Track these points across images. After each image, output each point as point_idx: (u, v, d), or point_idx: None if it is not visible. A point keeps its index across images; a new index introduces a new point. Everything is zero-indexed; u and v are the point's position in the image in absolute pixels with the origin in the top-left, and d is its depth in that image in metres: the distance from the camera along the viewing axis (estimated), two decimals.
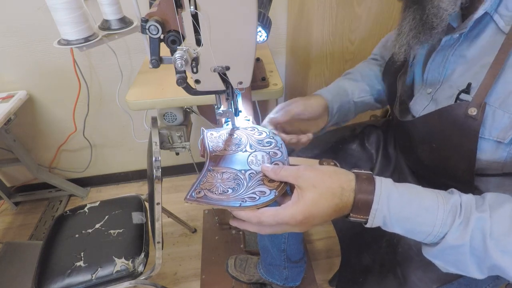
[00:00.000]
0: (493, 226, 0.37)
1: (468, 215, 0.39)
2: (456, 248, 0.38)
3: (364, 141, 0.80)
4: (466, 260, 0.39)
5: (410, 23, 0.49)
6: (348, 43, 1.10)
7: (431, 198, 0.40)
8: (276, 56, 1.37)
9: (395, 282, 0.59)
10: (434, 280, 0.56)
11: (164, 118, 0.96)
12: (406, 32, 0.50)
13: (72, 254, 0.89)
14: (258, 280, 1.14)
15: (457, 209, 0.39)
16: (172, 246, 1.40)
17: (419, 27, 0.48)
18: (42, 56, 1.24)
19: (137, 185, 1.77)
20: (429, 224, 0.39)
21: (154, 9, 0.45)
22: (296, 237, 0.97)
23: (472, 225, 0.38)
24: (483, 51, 0.45)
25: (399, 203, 0.40)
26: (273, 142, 0.59)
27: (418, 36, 0.49)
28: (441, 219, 0.39)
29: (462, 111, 0.46)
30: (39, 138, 1.51)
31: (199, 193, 0.47)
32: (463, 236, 0.38)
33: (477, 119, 0.44)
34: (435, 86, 0.54)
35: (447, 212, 0.39)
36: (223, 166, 0.53)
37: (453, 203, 0.40)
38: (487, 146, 0.47)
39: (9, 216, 1.61)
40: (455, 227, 0.38)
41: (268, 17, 0.73)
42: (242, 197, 0.46)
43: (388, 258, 0.62)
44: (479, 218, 0.38)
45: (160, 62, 0.48)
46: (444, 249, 0.39)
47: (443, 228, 0.39)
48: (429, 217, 0.39)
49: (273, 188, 0.47)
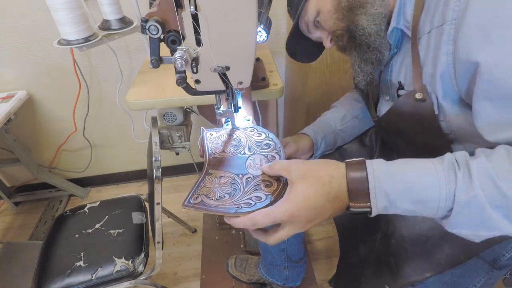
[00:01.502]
0: (496, 168, 0.36)
1: (466, 165, 0.38)
2: (471, 203, 0.36)
3: (363, 139, 0.81)
4: (489, 214, 0.36)
5: (356, 54, 0.58)
6: None
7: (425, 162, 0.40)
8: (276, 56, 1.37)
9: (389, 273, 0.60)
10: (426, 269, 0.57)
11: (164, 118, 0.96)
12: (357, 62, 0.59)
13: (72, 254, 0.89)
14: (258, 280, 1.14)
15: (454, 164, 0.39)
16: (172, 246, 1.40)
17: (364, 54, 0.57)
18: (42, 56, 1.24)
19: (137, 185, 1.77)
20: (433, 187, 0.38)
21: (154, 9, 0.45)
22: (296, 237, 0.98)
23: (475, 173, 0.37)
24: (404, 55, 0.56)
25: (396, 176, 0.39)
26: (272, 144, 0.59)
27: (368, 61, 0.58)
28: (443, 177, 0.38)
29: (411, 99, 0.53)
30: (39, 138, 1.51)
31: (196, 199, 0.47)
32: (472, 186, 0.36)
33: (426, 99, 0.51)
34: (388, 92, 0.63)
35: (446, 169, 0.38)
36: (221, 170, 0.53)
37: (448, 160, 0.39)
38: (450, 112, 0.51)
39: (9, 216, 1.61)
40: (459, 180, 0.37)
41: (268, 17, 0.73)
42: (238, 203, 0.46)
43: (383, 249, 0.63)
44: (479, 163, 0.37)
45: (160, 62, 0.48)
46: (461, 210, 0.37)
47: (449, 186, 0.37)
48: (431, 179, 0.38)
49: (269, 193, 0.47)
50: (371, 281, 0.62)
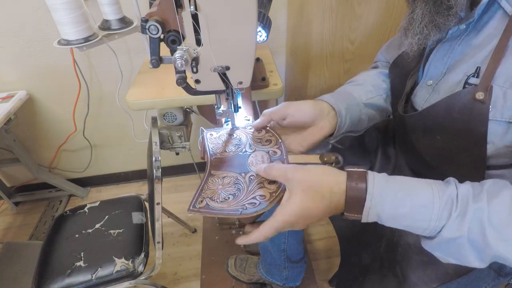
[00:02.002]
0: (491, 216, 0.36)
1: (465, 207, 0.38)
2: (454, 240, 0.38)
3: (364, 141, 0.80)
4: (465, 251, 0.38)
5: (423, 9, 0.47)
6: (348, 43, 1.10)
7: (426, 192, 0.40)
8: (276, 56, 1.37)
9: (394, 281, 0.59)
10: (433, 279, 0.56)
11: (164, 118, 0.96)
12: (419, 19, 0.48)
13: (72, 254, 0.89)
14: (258, 280, 1.14)
15: (453, 202, 0.38)
16: (172, 246, 1.40)
17: (434, 9, 0.46)
18: (42, 56, 1.24)
19: (137, 185, 1.77)
20: (425, 219, 0.39)
21: (154, 9, 0.45)
22: (296, 237, 0.97)
23: (470, 217, 0.37)
24: (490, 37, 0.45)
25: (393, 201, 0.40)
26: (272, 140, 0.58)
27: (434, 20, 0.46)
28: (436, 213, 0.38)
29: (470, 96, 0.45)
30: (39, 138, 1.51)
31: (201, 203, 0.47)
32: (460, 228, 0.37)
33: (485, 102, 0.43)
34: (437, 78, 0.53)
35: (442, 205, 0.38)
36: (224, 170, 0.53)
37: (449, 195, 0.39)
38: (498, 128, 0.45)
39: (9, 216, 1.61)
40: (451, 221, 0.38)
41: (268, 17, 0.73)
42: (243, 203, 0.46)
43: (388, 257, 0.62)
44: (477, 209, 0.37)
45: (160, 62, 0.48)
46: (442, 241, 0.39)
47: (440, 222, 0.38)
48: (425, 213, 0.39)
49: (273, 191, 0.47)
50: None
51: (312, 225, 1.45)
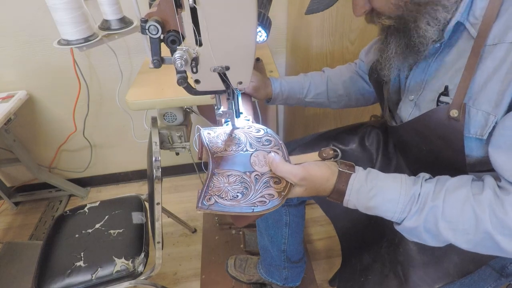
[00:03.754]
0: (445, 210, 0.44)
1: (423, 204, 0.46)
2: (414, 228, 0.47)
3: (364, 141, 0.80)
4: (423, 236, 0.47)
5: (395, 48, 0.52)
6: (348, 43, 1.10)
7: (395, 191, 0.48)
8: (276, 56, 1.37)
9: (396, 282, 0.59)
10: (435, 279, 0.56)
11: (164, 118, 0.96)
12: (392, 55, 0.54)
13: (72, 254, 0.89)
14: (258, 280, 1.14)
15: (414, 200, 0.47)
16: (172, 246, 1.40)
17: (406, 51, 0.51)
18: (42, 56, 1.24)
19: (137, 185, 1.77)
20: (391, 211, 0.48)
21: (154, 9, 0.45)
22: (296, 237, 0.98)
23: (426, 212, 0.46)
24: (458, 56, 0.49)
25: (367, 197, 0.49)
26: (272, 140, 0.59)
27: (407, 59, 0.53)
28: (400, 208, 0.47)
29: (444, 113, 0.48)
30: (39, 138, 1.51)
31: (210, 200, 0.47)
32: (417, 220, 0.46)
33: (459, 120, 0.47)
34: (417, 92, 0.57)
35: (406, 202, 0.47)
36: (227, 168, 0.53)
37: (413, 194, 0.47)
38: (471, 143, 0.49)
39: (9, 216, 1.61)
40: (411, 214, 0.47)
41: (268, 17, 0.73)
42: (253, 201, 0.47)
43: (389, 257, 0.62)
44: (433, 206, 0.45)
45: (162, 63, 0.48)
46: (405, 228, 0.48)
47: (402, 215, 0.48)
48: (391, 207, 0.48)
49: (280, 191, 0.48)
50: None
51: (312, 225, 1.45)
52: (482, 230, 0.42)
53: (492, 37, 0.44)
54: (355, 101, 0.85)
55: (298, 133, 1.47)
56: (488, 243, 0.42)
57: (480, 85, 0.45)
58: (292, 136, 1.51)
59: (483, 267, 0.56)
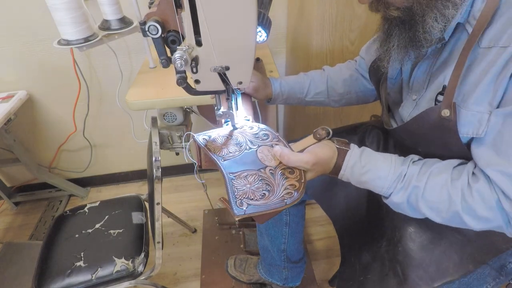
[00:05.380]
0: (425, 192, 0.50)
1: (408, 183, 0.51)
2: (399, 203, 0.53)
3: (365, 141, 0.80)
4: (406, 209, 0.53)
5: (397, 41, 0.52)
6: (348, 43, 1.10)
7: (385, 168, 0.53)
8: (276, 56, 1.37)
9: (395, 281, 0.59)
10: (434, 278, 0.56)
11: (164, 118, 0.96)
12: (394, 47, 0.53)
13: (72, 254, 0.89)
14: (258, 280, 1.14)
15: (401, 177, 0.52)
16: (172, 246, 1.40)
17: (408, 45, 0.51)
18: (42, 56, 1.24)
19: (137, 185, 1.77)
20: (380, 187, 0.53)
21: (153, 9, 0.45)
22: (296, 237, 0.97)
23: (409, 191, 0.51)
24: (454, 56, 0.50)
25: (360, 172, 0.54)
26: (269, 134, 0.59)
27: (408, 53, 0.53)
28: (388, 184, 0.53)
29: (437, 113, 0.49)
30: (39, 138, 1.51)
31: (242, 205, 0.47)
32: (402, 197, 0.52)
33: (451, 119, 0.48)
34: (420, 93, 0.57)
35: (393, 179, 0.52)
36: (241, 170, 0.53)
37: (400, 173, 0.52)
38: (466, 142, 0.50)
39: (9, 216, 1.61)
40: (397, 190, 0.52)
41: (268, 17, 0.73)
42: (281, 195, 0.48)
43: (388, 257, 0.62)
44: (415, 187, 0.51)
45: (169, 62, 0.48)
46: (392, 201, 0.54)
47: (389, 190, 0.53)
48: (380, 183, 0.53)
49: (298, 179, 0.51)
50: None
51: (312, 225, 1.45)
52: (453, 210, 0.48)
53: (488, 41, 0.45)
54: (356, 99, 0.85)
55: (298, 133, 1.47)
56: (457, 220, 0.49)
57: (472, 85, 0.46)
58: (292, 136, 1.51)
59: (482, 266, 0.56)
